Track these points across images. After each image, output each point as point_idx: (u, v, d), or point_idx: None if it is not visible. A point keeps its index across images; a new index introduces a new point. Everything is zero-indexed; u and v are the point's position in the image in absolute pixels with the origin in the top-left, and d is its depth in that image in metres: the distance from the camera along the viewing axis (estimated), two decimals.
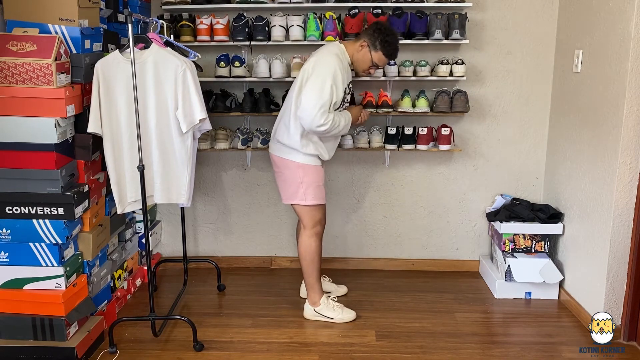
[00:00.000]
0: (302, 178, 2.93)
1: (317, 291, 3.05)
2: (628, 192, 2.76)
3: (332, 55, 2.84)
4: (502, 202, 3.55)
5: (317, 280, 3.04)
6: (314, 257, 3.01)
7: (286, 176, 2.98)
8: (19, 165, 2.51)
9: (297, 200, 2.97)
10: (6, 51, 2.42)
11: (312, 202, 2.95)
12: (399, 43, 2.93)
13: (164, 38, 2.88)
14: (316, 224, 3.01)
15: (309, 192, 2.94)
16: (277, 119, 3.01)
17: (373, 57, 2.89)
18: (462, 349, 2.79)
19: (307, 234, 3.00)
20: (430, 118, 3.53)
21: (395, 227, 3.76)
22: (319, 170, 2.98)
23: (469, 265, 3.77)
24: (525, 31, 3.45)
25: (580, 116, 3.12)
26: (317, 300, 3.05)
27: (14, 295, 2.57)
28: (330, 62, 2.80)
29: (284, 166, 2.97)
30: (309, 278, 3.03)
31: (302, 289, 3.30)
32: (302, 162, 2.92)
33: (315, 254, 3.00)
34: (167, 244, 3.84)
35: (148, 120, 2.69)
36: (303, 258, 3.02)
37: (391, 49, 2.89)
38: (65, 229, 2.55)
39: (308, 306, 3.08)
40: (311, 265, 3.01)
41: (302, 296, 3.28)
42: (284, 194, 3.03)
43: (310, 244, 3.00)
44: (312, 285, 3.04)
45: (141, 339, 2.87)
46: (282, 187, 3.03)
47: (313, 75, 2.78)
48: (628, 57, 2.66)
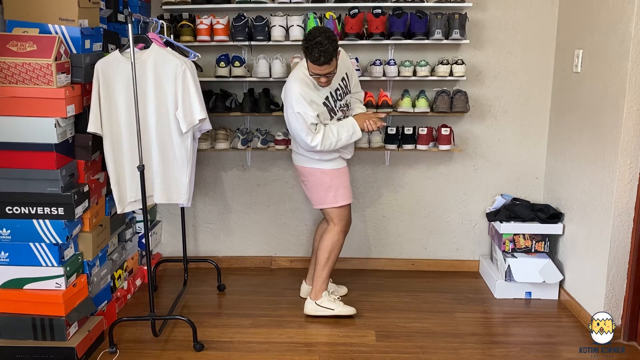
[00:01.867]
0: (329, 183, 2.98)
1: (325, 285, 3.08)
2: (628, 192, 2.76)
3: (291, 82, 2.85)
4: (502, 202, 3.55)
5: (329, 276, 3.08)
6: (337, 253, 3.06)
7: (312, 183, 3.01)
8: (19, 165, 2.51)
9: (328, 204, 3.01)
10: (6, 51, 2.42)
11: (343, 202, 3.01)
12: (322, 46, 2.64)
13: (164, 38, 2.88)
14: (346, 221, 3.08)
15: (339, 195, 3.00)
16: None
17: (310, 69, 2.78)
18: (462, 349, 2.79)
19: (337, 230, 3.05)
20: (430, 118, 3.53)
21: (395, 227, 3.76)
22: (344, 171, 3.04)
23: (469, 265, 3.77)
24: (525, 31, 3.44)
25: (580, 116, 3.12)
26: (320, 294, 3.07)
27: (14, 295, 2.57)
28: (289, 90, 2.84)
29: (309, 174, 3.01)
30: (324, 271, 3.05)
31: (303, 289, 3.30)
32: (326, 167, 2.97)
33: (338, 250, 3.07)
34: (167, 244, 3.84)
35: (148, 120, 2.69)
36: (325, 250, 3.03)
37: (312, 55, 2.67)
38: (65, 229, 2.54)
39: (309, 301, 3.09)
40: (331, 259, 3.04)
41: (302, 296, 3.28)
42: (314, 200, 3.06)
43: (338, 240, 3.04)
44: (323, 279, 3.06)
45: (141, 339, 2.87)
46: (310, 194, 3.07)
47: (284, 108, 2.89)
48: (628, 57, 2.66)
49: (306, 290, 3.25)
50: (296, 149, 3.02)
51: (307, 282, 3.31)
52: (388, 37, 3.29)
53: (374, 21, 3.22)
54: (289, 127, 2.91)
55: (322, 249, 3.04)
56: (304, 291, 3.27)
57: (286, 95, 2.86)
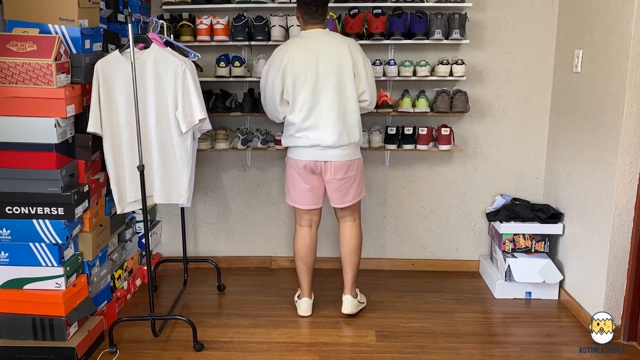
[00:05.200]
0: (362, 170, 3.00)
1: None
2: (628, 192, 2.76)
3: (348, 39, 2.90)
4: (502, 202, 3.55)
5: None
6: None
7: (360, 173, 2.98)
8: (19, 165, 2.51)
9: (362, 194, 3.02)
10: (6, 51, 2.42)
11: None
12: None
13: (164, 38, 2.88)
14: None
15: (364, 182, 3.04)
16: (334, 122, 2.78)
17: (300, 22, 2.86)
18: (462, 349, 2.79)
19: (359, 224, 3.06)
20: (430, 118, 3.53)
21: (395, 227, 3.76)
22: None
23: (469, 265, 3.77)
24: (525, 31, 3.45)
25: (580, 116, 3.12)
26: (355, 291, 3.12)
27: (14, 295, 2.57)
28: (355, 43, 2.89)
29: (358, 165, 2.95)
30: (357, 270, 3.07)
31: (346, 302, 3.08)
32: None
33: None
34: (167, 244, 3.84)
35: (148, 120, 2.69)
36: (359, 249, 3.05)
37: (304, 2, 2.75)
38: (65, 229, 2.54)
39: (352, 300, 3.07)
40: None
41: (346, 312, 3.07)
42: (354, 194, 2.96)
43: (361, 235, 3.07)
44: (356, 277, 3.08)
45: (141, 339, 2.87)
46: (353, 189, 2.94)
47: (364, 61, 2.82)
48: (628, 57, 2.66)
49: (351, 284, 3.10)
50: (355, 138, 2.83)
51: (346, 293, 3.10)
52: (388, 37, 3.29)
53: (374, 21, 3.22)
54: (368, 79, 2.82)
55: (356, 250, 3.03)
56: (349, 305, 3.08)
57: (357, 48, 2.82)
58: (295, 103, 2.79)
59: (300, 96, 2.77)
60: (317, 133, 2.80)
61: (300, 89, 2.77)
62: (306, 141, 2.82)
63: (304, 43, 2.81)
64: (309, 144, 2.83)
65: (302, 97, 2.77)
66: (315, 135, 2.80)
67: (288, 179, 3.00)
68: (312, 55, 2.76)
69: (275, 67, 2.80)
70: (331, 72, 2.76)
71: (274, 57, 2.84)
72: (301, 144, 2.85)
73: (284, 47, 2.85)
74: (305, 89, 2.76)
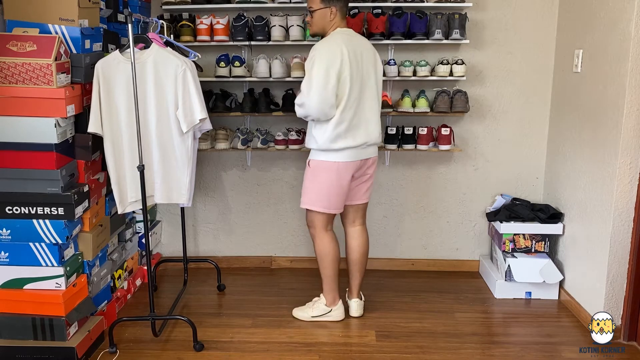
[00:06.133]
0: None
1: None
2: (628, 192, 2.76)
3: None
4: (502, 202, 3.55)
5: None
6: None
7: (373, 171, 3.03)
8: (19, 165, 2.51)
9: (370, 192, 3.06)
10: (6, 51, 2.42)
11: None
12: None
13: (164, 38, 2.88)
14: None
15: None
16: (377, 119, 2.87)
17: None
18: (462, 349, 2.79)
19: (366, 228, 3.09)
20: (430, 118, 3.53)
21: (395, 227, 3.76)
22: None
23: (469, 265, 3.77)
24: (525, 31, 3.45)
25: (580, 116, 3.12)
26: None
27: (14, 295, 2.57)
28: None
29: (375, 163, 3.02)
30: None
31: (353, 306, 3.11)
32: None
33: None
34: (167, 244, 3.84)
35: (148, 120, 2.69)
36: (367, 254, 3.08)
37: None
38: (65, 229, 2.54)
39: (361, 303, 3.12)
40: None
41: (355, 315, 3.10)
42: (370, 192, 3.05)
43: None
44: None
45: (141, 339, 2.87)
46: (371, 187, 3.05)
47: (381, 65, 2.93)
48: (628, 57, 2.66)
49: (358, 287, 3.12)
50: (379, 138, 2.89)
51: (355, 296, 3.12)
52: (388, 37, 3.29)
53: (374, 21, 3.23)
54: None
55: (367, 253, 3.07)
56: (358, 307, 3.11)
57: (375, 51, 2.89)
58: (349, 99, 2.73)
59: (352, 93, 2.74)
60: (363, 131, 2.80)
61: (353, 85, 2.73)
62: (353, 141, 2.77)
63: (348, 40, 2.76)
64: (355, 143, 2.77)
65: (354, 94, 2.75)
66: (361, 133, 2.79)
67: (324, 184, 2.82)
68: (358, 51, 2.77)
69: (336, 62, 2.67)
70: (371, 71, 2.83)
71: (329, 52, 2.68)
72: (350, 145, 2.77)
73: (335, 42, 2.72)
74: (356, 85, 2.75)
